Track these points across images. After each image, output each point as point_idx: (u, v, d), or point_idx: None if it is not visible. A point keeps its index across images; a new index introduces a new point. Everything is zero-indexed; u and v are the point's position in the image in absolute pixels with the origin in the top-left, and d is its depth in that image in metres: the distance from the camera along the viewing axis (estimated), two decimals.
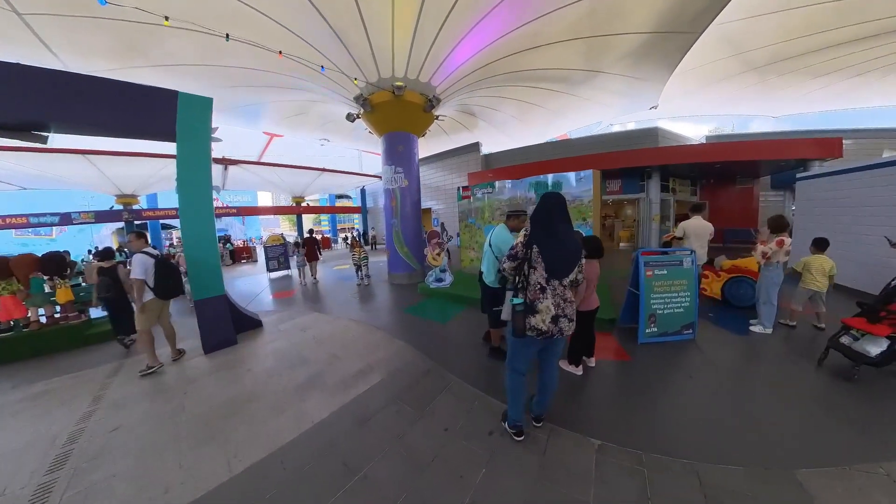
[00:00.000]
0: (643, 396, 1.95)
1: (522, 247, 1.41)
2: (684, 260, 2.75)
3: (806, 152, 7.56)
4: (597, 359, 2.42)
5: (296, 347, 2.93)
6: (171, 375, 2.54)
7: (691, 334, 2.70)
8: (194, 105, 3.28)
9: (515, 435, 1.55)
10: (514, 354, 1.53)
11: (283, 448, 1.60)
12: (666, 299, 2.66)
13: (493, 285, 2.17)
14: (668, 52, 5.69)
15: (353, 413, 1.85)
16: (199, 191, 3.24)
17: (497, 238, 2.23)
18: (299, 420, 1.82)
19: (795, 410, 1.76)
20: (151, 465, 1.54)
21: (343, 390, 2.11)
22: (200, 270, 3.20)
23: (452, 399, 1.95)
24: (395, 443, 1.59)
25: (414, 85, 5.11)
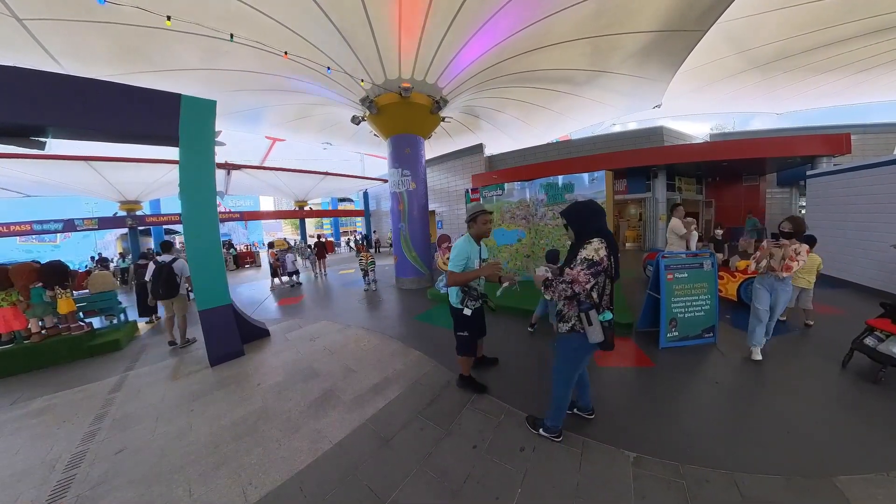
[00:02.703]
0: (671, 404, 1.88)
1: (606, 258, 1.32)
2: (704, 262, 2.68)
3: (814, 149, 7.48)
4: (621, 366, 2.35)
5: (306, 359, 2.82)
6: (177, 390, 2.44)
7: (712, 338, 2.64)
8: (197, 108, 3.18)
9: (556, 437, 1.59)
10: (575, 368, 1.50)
11: (300, 473, 1.49)
12: (686, 303, 2.60)
13: (457, 306, 1.94)
14: (674, 51, 5.64)
15: (374, 432, 1.74)
16: (202, 196, 3.13)
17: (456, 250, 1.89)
18: (316, 441, 1.71)
19: (825, 415, 1.72)
20: (160, 493, 1.43)
21: (360, 406, 2.00)
22: (205, 279, 3.09)
23: (478, 413, 1.85)
24: (422, 463, 1.49)
25: (421, 86, 5.04)
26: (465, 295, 1.88)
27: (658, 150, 8.48)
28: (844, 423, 1.63)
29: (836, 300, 3.70)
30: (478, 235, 1.94)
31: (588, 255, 1.29)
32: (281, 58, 4.60)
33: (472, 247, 1.91)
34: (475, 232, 1.93)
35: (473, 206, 1.97)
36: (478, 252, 1.95)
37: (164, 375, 2.76)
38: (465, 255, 1.85)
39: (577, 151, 9.78)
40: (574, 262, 1.33)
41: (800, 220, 2.26)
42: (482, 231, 1.92)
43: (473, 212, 1.94)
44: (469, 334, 1.97)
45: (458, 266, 1.83)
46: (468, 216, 1.96)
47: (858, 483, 1.24)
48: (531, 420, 1.68)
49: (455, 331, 2.01)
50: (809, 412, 1.73)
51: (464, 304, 1.86)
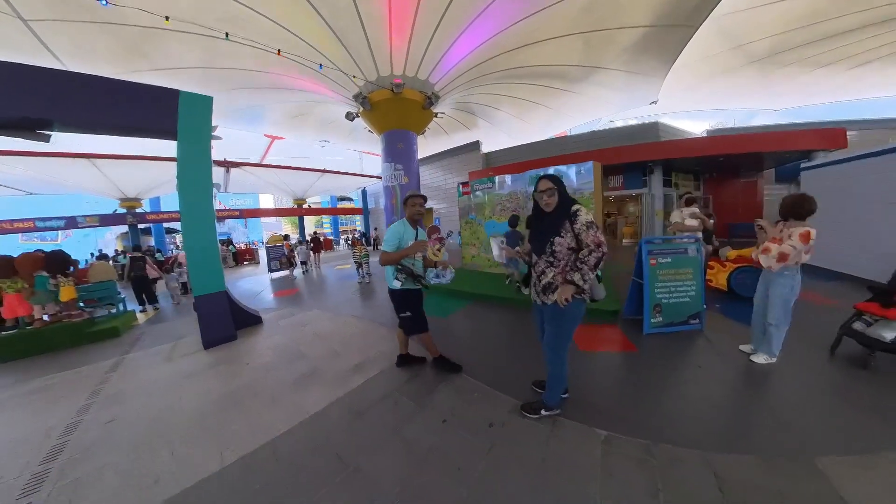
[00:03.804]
0: (651, 387, 1.88)
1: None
2: (689, 248, 2.67)
3: (810, 143, 7.46)
4: (602, 350, 2.36)
5: (295, 343, 2.91)
6: (171, 370, 2.56)
7: (699, 324, 2.62)
8: (195, 104, 3.32)
9: (557, 411, 1.61)
10: (569, 337, 1.52)
11: (276, 439, 1.58)
12: (671, 288, 2.59)
13: (393, 287, 1.99)
14: (667, 46, 5.66)
15: (350, 405, 1.82)
16: (199, 188, 3.27)
17: (389, 232, 1.97)
18: (295, 412, 1.80)
19: (811, 399, 1.69)
20: (143, 456, 1.53)
21: (341, 383, 2.08)
22: (201, 267, 3.22)
23: (452, 391, 1.90)
24: (391, 435, 1.55)
25: (413, 82, 5.12)
26: (398, 272, 1.96)
27: (654, 145, 8.49)
28: (830, 407, 1.59)
29: (830, 291, 3.70)
30: (411, 218, 2.01)
31: (587, 218, 1.36)
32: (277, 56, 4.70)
33: (407, 229, 1.98)
34: (408, 214, 2.02)
35: (409, 191, 2.09)
36: (413, 235, 2.00)
37: (159, 358, 2.88)
38: (397, 237, 1.92)
39: (573, 147, 9.81)
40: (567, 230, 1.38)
41: (794, 198, 1.89)
42: (413, 213, 2.00)
43: (407, 195, 2.04)
44: (412, 314, 2.03)
45: (390, 246, 1.92)
46: (402, 199, 2.07)
47: (842, 464, 1.21)
48: (528, 407, 1.62)
49: (397, 312, 2.07)
50: (794, 396, 1.70)
51: (394, 278, 1.96)
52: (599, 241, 1.32)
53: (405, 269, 1.92)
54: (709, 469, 1.24)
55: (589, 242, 1.33)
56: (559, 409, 1.61)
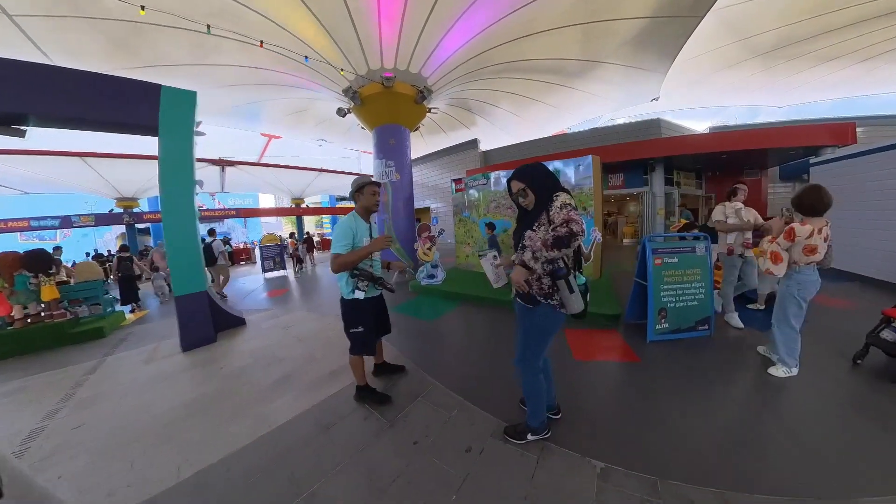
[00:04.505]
0: (655, 406, 1.64)
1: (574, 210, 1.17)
2: (697, 246, 2.42)
3: (817, 139, 7.23)
4: (601, 360, 2.15)
5: (274, 346, 2.80)
6: (147, 373, 2.50)
7: (707, 331, 2.38)
8: (178, 99, 3.23)
9: (546, 433, 1.41)
10: (540, 350, 1.31)
11: (235, 453, 1.46)
12: (677, 291, 2.35)
13: (349, 296, 1.64)
14: (669, 39, 5.48)
15: (318, 418, 1.68)
16: (181, 186, 3.18)
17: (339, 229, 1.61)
18: (260, 423, 1.68)
19: (838, 421, 1.48)
20: (103, 466, 1.45)
21: (313, 392, 1.95)
22: (181, 266, 3.11)
23: (429, 407, 1.72)
24: (354, 456, 1.39)
25: (404, 76, 4.99)
26: (356, 278, 1.61)
27: (655, 142, 8.29)
28: (863, 432, 1.38)
29: (845, 293, 3.50)
30: (366, 210, 1.67)
31: (565, 200, 1.14)
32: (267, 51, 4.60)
33: (359, 224, 1.64)
34: (363, 205, 1.66)
35: (360, 178, 1.68)
36: (367, 230, 1.68)
37: (138, 360, 2.84)
38: (349, 234, 1.58)
39: (573, 145, 9.63)
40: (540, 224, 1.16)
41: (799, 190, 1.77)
42: (370, 204, 1.66)
43: (360, 182, 1.65)
44: (364, 329, 1.67)
45: (343, 246, 1.56)
46: (354, 187, 1.64)
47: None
48: (511, 431, 1.42)
49: (346, 328, 1.70)
50: (819, 417, 1.49)
51: (355, 288, 1.61)
52: (568, 219, 1.09)
53: (363, 273, 1.60)
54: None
55: (558, 220, 1.11)
56: (547, 431, 1.40)
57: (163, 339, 3.34)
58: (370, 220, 1.73)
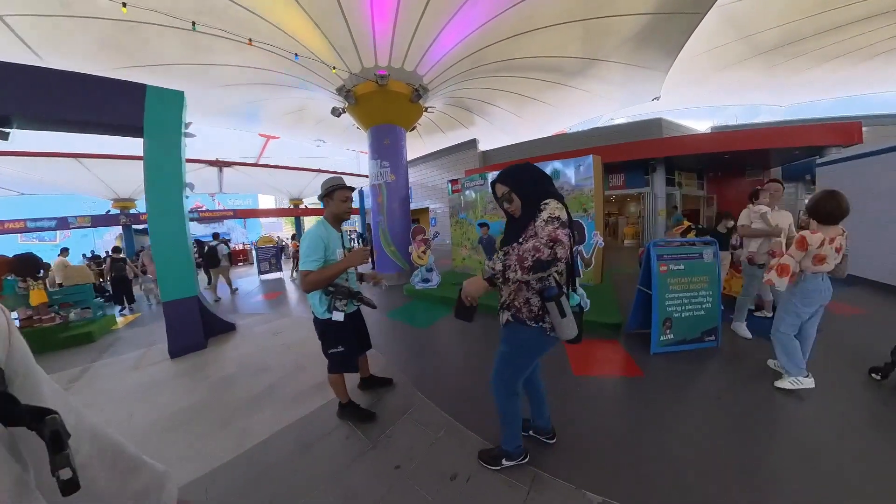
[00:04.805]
0: (660, 429, 1.50)
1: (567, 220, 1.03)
2: (705, 252, 2.30)
3: (822, 138, 7.11)
4: (601, 375, 2.02)
5: (262, 354, 2.72)
6: (133, 380, 2.44)
7: (714, 342, 2.26)
8: (164, 99, 3.14)
9: (522, 460, 1.30)
10: (520, 373, 1.18)
11: (212, 472, 1.38)
12: (684, 300, 2.23)
13: (323, 316, 1.48)
14: (671, 36, 5.38)
15: (299, 435, 1.59)
16: (168, 188, 3.11)
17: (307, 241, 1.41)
18: (240, 439, 1.59)
19: (867, 446, 1.32)
20: None
21: (297, 405, 1.86)
22: (170, 270, 3.04)
23: (415, 426, 1.60)
24: (332, 479, 1.29)
25: (399, 74, 4.89)
26: (331, 296, 1.42)
27: (657, 141, 8.18)
28: (886, 454, 1.25)
29: (853, 298, 3.37)
30: (336, 217, 1.49)
31: (552, 213, 0.97)
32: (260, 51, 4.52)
33: (330, 233, 1.46)
34: (332, 212, 1.48)
35: (330, 180, 1.48)
36: (339, 239, 1.50)
37: (125, 366, 2.77)
38: (320, 246, 1.39)
39: (573, 144, 9.52)
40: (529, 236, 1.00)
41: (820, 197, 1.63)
42: (341, 211, 1.47)
43: (330, 185, 1.45)
44: (345, 349, 1.53)
45: (314, 261, 1.37)
46: (322, 190, 1.47)
47: None
48: (486, 456, 1.31)
49: (324, 349, 1.54)
50: (848, 445, 1.34)
51: (331, 309, 1.42)
52: (555, 238, 0.92)
53: (340, 289, 1.42)
54: None
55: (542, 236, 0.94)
56: (524, 456, 1.29)
57: (152, 344, 3.26)
58: (341, 228, 1.57)
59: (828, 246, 1.60)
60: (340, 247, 1.52)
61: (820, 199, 1.64)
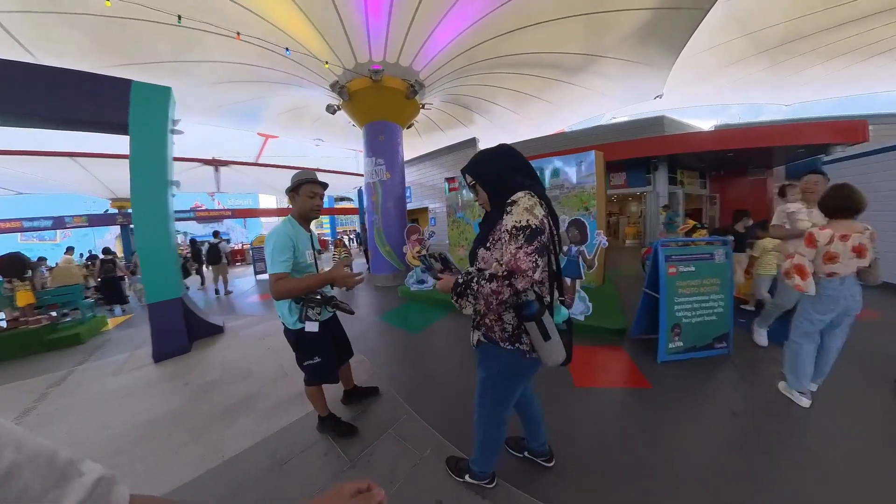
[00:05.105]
0: (670, 449, 1.36)
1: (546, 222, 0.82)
2: (716, 252, 2.14)
3: (827, 137, 6.97)
4: (605, 386, 1.88)
5: (245, 359, 2.62)
6: (114, 386, 2.37)
7: (725, 349, 2.12)
8: (150, 95, 3.05)
9: (487, 483, 1.17)
10: (506, 401, 1.01)
11: (181, 488, 1.29)
12: (694, 304, 2.08)
13: (295, 326, 1.33)
14: (674, 32, 5.25)
15: (275, 449, 1.48)
16: (153, 186, 3.00)
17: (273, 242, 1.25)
18: (212, 453, 1.49)
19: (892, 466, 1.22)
20: None
21: (276, 415, 1.75)
22: (154, 271, 2.94)
23: (398, 444, 1.46)
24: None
25: (394, 69, 4.78)
26: (302, 304, 1.27)
27: (659, 139, 8.04)
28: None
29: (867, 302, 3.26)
30: (303, 215, 1.34)
31: (518, 219, 0.77)
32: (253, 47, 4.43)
33: (298, 232, 1.32)
34: (298, 210, 1.33)
35: (300, 173, 1.33)
36: (308, 239, 1.36)
37: (108, 371, 2.70)
38: (288, 247, 1.24)
39: (574, 143, 9.39)
40: (497, 239, 0.83)
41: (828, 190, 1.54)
42: (307, 209, 1.32)
43: (297, 179, 1.31)
44: (322, 359, 1.38)
45: (282, 263, 1.22)
46: (291, 184, 1.32)
47: None
48: (453, 464, 1.22)
49: (299, 361, 1.39)
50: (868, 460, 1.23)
51: (305, 318, 1.27)
52: (513, 267, 0.74)
53: (311, 296, 1.29)
54: None
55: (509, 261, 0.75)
56: (490, 481, 1.16)
57: (139, 346, 3.18)
58: (310, 227, 1.41)
59: (839, 243, 1.44)
60: (310, 247, 1.38)
61: (828, 192, 1.54)
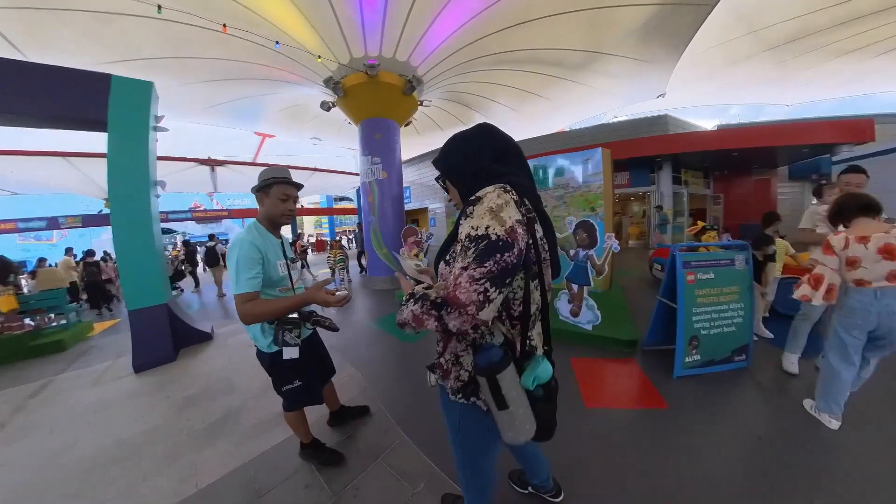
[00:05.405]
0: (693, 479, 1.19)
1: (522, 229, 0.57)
2: (737, 258, 1.98)
3: (834, 136, 6.85)
4: (618, 407, 1.70)
5: (230, 369, 2.46)
6: (90, 398, 2.24)
7: (745, 361, 1.99)
8: (131, 90, 2.91)
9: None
10: (477, 461, 0.79)
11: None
12: (713, 314, 1.93)
13: (269, 349, 1.17)
14: (679, 29, 5.11)
15: (253, 477, 1.34)
16: (134, 187, 2.85)
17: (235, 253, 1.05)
18: (184, 480, 1.35)
19: None
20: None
21: (256, 436, 1.61)
22: (136, 276, 2.79)
23: (388, 475, 1.29)
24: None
25: (390, 65, 4.62)
26: (279, 327, 1.10)
27: (664, 138, 7.91)
28: None
29: None
30: (272, 220, 1.16)
31: (476, 225, 0.55)
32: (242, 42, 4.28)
33: (267, 240, 1.13)
34: (268, 213, 1.14)
35: (270, 171, 1.14)
36: (279, 247, 1.18)
37: (88, 381, 2.58)
38: (255, 259, 1.05)
39: (576, 142, 9.26)
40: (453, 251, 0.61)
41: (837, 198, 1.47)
42: (277, 214, 1.14)
43: (267, 177, 1.12)
44: (303, 383, 1.23)
45: (250, 280, 1.02)
46: (259, 183, 1.13)
47: None
48: (449, 502, 1.10)
49: (277, 387, 1.24)
50: None
51: (282, 343, 1.10)
52: (449, 294, 0.52)
53: (292, 320, 1.12)
54: None
55: (450, 285, 0.53)
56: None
57: (122, 354, 3.03)
58: (280, 234, 1.22)
59: (857, 246, 1.30)
60: (282, 257, 1.19)
61: (837, 198, 1.49)
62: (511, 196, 0.59)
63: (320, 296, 1.07)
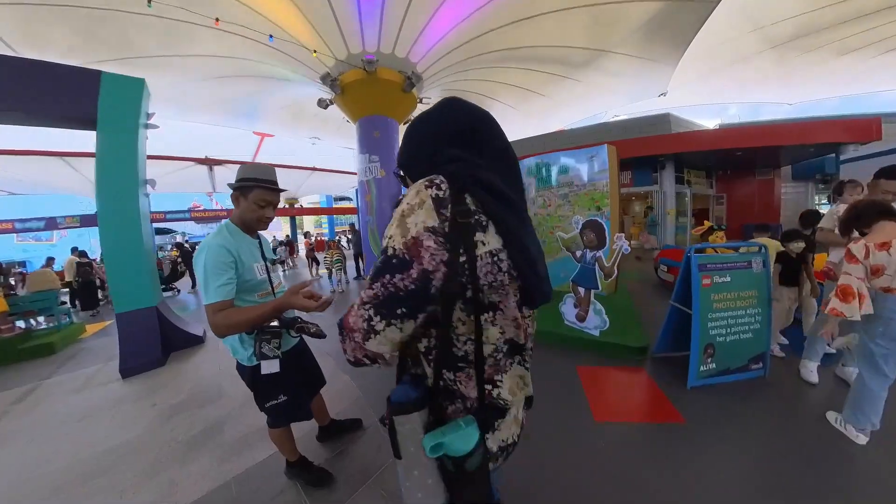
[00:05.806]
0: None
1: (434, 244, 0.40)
2: (754, 261, 1.89)
3: (839, 135, 6.75)
4: (630, 420, 1.59)
5: (219, 375, 2.37)
6: (74, 405, 2.16)
7: (762, 370, 1.89)
8: (121, 87, 2.83)
9: None
10: None
11: None
12: (729, 321, 1.82)
13: (250, 362, 1.06)
14: (682, 26, 5.03)
15: (235, 497, 1.24)
16: (123, 186, 2.78)
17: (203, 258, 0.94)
18: (166, 497, 1.27)
19: None
20: None
21: (241, 451, 1.51)
22: (123, 278, 2.70)
23: (381, 498, 1.17)
24: None
25: (389, 61, 4.54)
26: (256, 337, 0.98)
27: (667, 137, 7.82)
28: None
29: None
30: (246, 223, 1.05)
31: (386, 233, 0.44)
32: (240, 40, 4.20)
33: (240, 241, 1.02)
34: (242, 216, 1.03)
35: (248, 169, 1.02)
36: (256, 248, 1.08)
37: (74, 386, 2.51)
38: (228, 263, 0.94)
39: (577, 141, 9.17)
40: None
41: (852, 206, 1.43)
42: (252, 219, 1.03)
43: (245, 177, 1.00)
44: (288, 398, 1.11)
45: (221, 288, 0.91)
46: (236, 181, 1.01)
47: None
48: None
49: (259, 402, 1.12)
50: None
51: (260, 355, 0.99)
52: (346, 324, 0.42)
53: (271, 329, 0.99)
54: None
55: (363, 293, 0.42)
56: None
57: (111, 358, 2.93)
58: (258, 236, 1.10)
59: (879, 253, 1.27)
60: (259, 259, 1.07)
61: (854, 203, 1.49)
62: (437, 192, 0.41)
63: (297, 301, 0.93)
